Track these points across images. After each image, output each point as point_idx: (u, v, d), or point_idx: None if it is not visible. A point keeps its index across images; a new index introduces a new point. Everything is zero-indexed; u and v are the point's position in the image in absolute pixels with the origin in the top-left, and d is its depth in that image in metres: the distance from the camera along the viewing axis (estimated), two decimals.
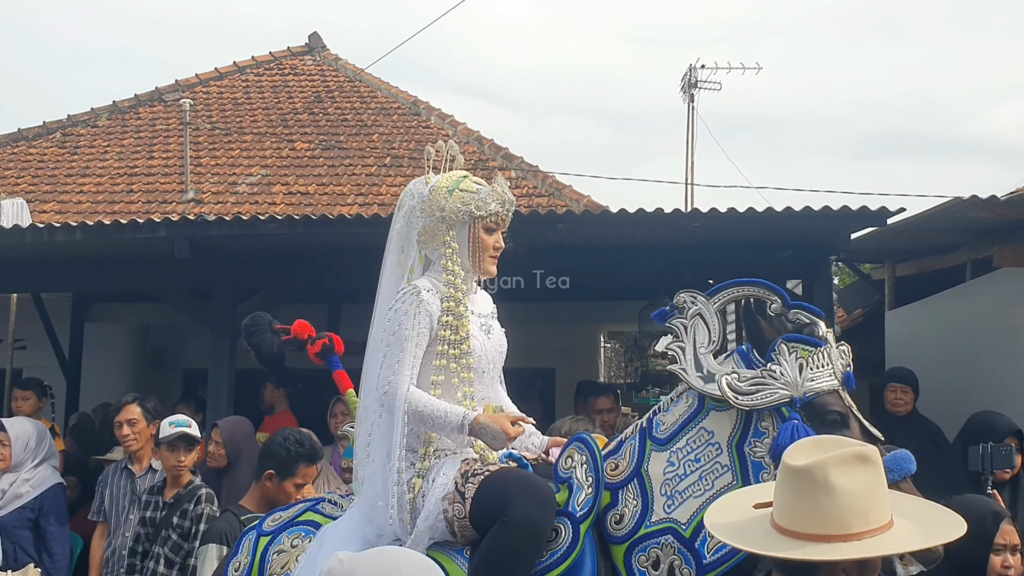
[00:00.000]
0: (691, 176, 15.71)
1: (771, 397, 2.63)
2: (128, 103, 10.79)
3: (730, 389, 2.65)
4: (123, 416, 4.90)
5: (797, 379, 2.63)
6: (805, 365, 2.64)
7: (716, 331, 2.78)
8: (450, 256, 2.94)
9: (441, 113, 10.36)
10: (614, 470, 2.83)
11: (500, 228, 3.02)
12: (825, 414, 2.62)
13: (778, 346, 2.67)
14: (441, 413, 2.79)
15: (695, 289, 2.86)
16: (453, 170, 3.07)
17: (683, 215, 5.81)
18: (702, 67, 16.09)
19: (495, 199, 2.97)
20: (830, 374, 2.65)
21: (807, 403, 2.63)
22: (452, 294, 2.90)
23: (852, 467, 1.83)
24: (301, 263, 6.46)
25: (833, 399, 2.64)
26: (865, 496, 1.81)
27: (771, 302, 2.78)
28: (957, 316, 7.02)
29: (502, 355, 3.06)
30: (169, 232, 5.84)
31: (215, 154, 9.58)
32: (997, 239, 6.08)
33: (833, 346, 2.72)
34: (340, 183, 8.89)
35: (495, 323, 3.08)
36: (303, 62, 11.86)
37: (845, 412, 2.63)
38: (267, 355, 3.61)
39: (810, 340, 2.68)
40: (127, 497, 4.86)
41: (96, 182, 9.23)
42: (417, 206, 2.99)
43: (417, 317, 2.85)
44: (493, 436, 2.76)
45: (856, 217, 5.61)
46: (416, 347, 2.85)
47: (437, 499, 2.75)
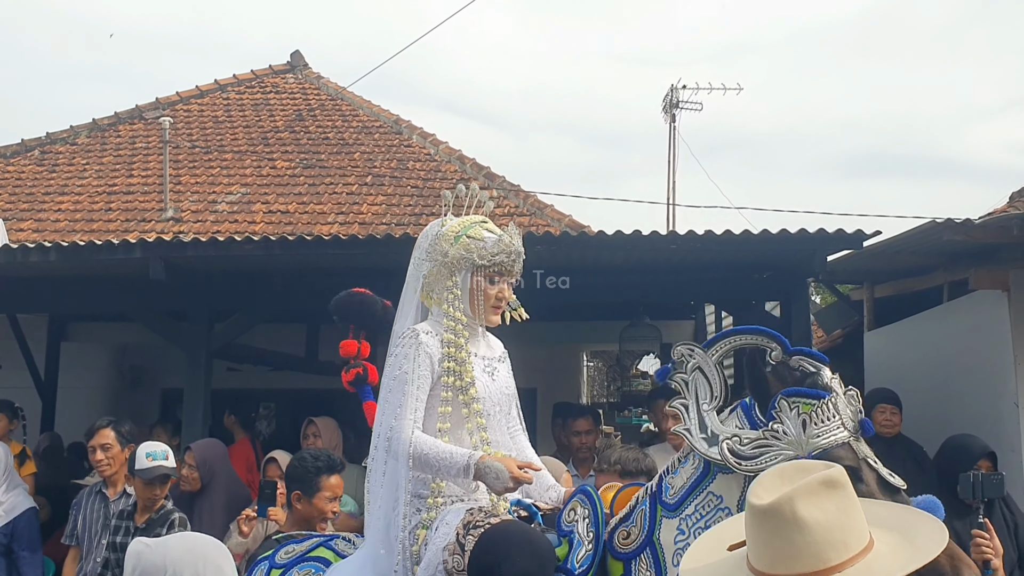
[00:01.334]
0: (673, 196, 15.76)
1: (776, 460, 2.46)
2: (108, 121, 10.74)
3: (732, 455, 2.54)
4: (97, 441, 4.81)
5: (801, 437, 2.49)
6: (808, 421, 2.50)
7: (717, 385, 2.67)
8: (451, 302, 2.90)
9: (423, 131, 10.36)
10: (626, 539, 2.69)
11: (506, 278, 2.95)
12: None
13: (778, 403, 2.54)
14: (446, 455, 2.73)
15: (692, 342, 2.77)
16: (475, 214, 3.03)
17: (661, 237, 5.82)
18: (683, 87, 16.16)
19: (501, 249, 2.91)
20: (838, 426, 2.51)
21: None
22: (453, 339, 2.85)
23: (820, 496, 1.75)
24: (278, 284, 6.42)
25: (843, 452, 2.47)
26: (839, 524, 1.73)
27: (771, 350, 2.66)
28: (934, 338, 7.05)
29: (509, 397, 3.01)
30: (144, 253, 5.79)
31: (195, 172, 9.54)
32: (973, 262, 6.11)
33: (839, 394, 2.57)
34: (321, 202, 8.87)
35: (501, 366, 3.02)
36: (285, 80, 11.85)
37: (857, 466, 2.45)
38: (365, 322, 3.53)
39: (811, 393, 2.54)
40: (100, 521, 4.79)
41: (74, 200, 9.18)
42: (426, 247, 2.98)
43: (417, 360, 2.82)
44: (496, 476, 2.68)
45: (832, 240, 5.64)
46: (418, 390, 2.81)
47: (438, 549, 2.69)
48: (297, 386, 9.32)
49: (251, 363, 9.16)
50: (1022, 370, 6.05)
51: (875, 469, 2.48)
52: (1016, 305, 6.10)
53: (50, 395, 8.53)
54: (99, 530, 4.77)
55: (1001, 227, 5.68)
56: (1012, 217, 5.77)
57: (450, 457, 2.72)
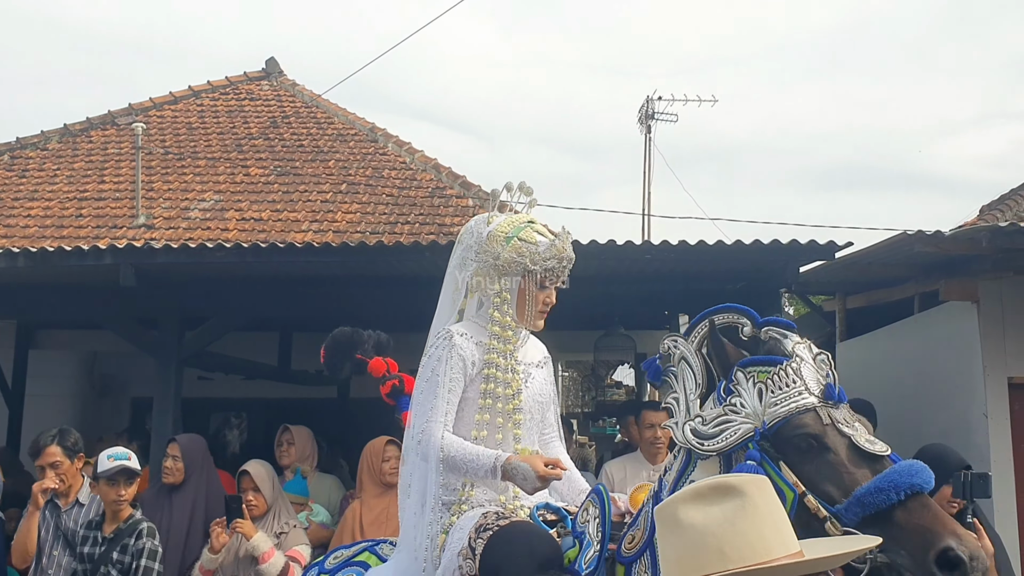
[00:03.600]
0: (648, 206, 15.82)
1: (735, 435, 2.35)
2: (80, 126, 10.61)
3: (693, 435, 2.42)
4: (44, 460, 4.69)
5: (757, 407, 2.35)
6: (765, 389, 2.35)
7: (700, 372, 2.54)
8: (499, 306, 2.86)
9: (399, 140, 10.31)
10: (631, 543, 2.58)
11: (554, 284, 2.92)
12: (794, 439, 2.31)
13: (734, 375, 2.41)
14: (473, 457, 2.70)
15: (676, 333, 2.66)
16: (520, 213, 2.98)
17: (635, 247, 5.84)
18: (659, 99, 16.25)
19: (553, 255, 2.86)
20: (800, 392, 2.35)
21: (775, 431, 2.32)
22: (500, 347, 2.82)
23: (706, 500, 1.66)
24: (250, 291, 6.38)
25: (806, 419, 2.32)
26: (720, 532, 1.63)
27: (742, 326, 2.54)
28: (906, 348, 7.12)
29: (542, 404, 2.96)
30: (115, 260, 5.74)
31: (168, 179, 9.44)
32: (943, 273, 6.18)
33: (806, 359, 2.42)
34: (295, 209, 8.80)
35: (537, 371, 2.98)
36: (259, 87, 11.77)
37: (820, 432, 2.31)
38: (334, 375, 3.62)
39: (766, 360, 2.40)
40: (51, 532, 4.70)
41: (45, 206, 9.05)
42: (473, 246, 2.92)
43: (449, 362, 2.79)
44: (524, 477, 2.65)
45: (805, 250, 5.68)
46: (449, 392, 2.78)
47: (454, 554, 2.67)
48: (269, 395, 9.25)
49: (223, 372, 9.08)
50: (991, 381, 6.12)
51: (847, 436, 2.33)
52: (985, 316, 6.17)
53: (17, 404, 8.41)
54: (51, 539, 4.68)
55: (971, 239, 5.75)
56: (982, 229, 5.84)
57: (477, 459, 2.70)
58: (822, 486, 2.28)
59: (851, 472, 2.28)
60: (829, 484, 2.28)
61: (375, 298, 6.55)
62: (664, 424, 2.60)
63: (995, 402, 6.10)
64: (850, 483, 2.26)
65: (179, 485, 4.91)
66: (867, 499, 2.20)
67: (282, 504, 4.88)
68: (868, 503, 2.20)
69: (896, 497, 2.19)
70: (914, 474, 2.23)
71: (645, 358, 10.67)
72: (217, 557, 4.57)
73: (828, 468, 2.29)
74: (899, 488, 2.20)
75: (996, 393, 6.11)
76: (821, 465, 2.30)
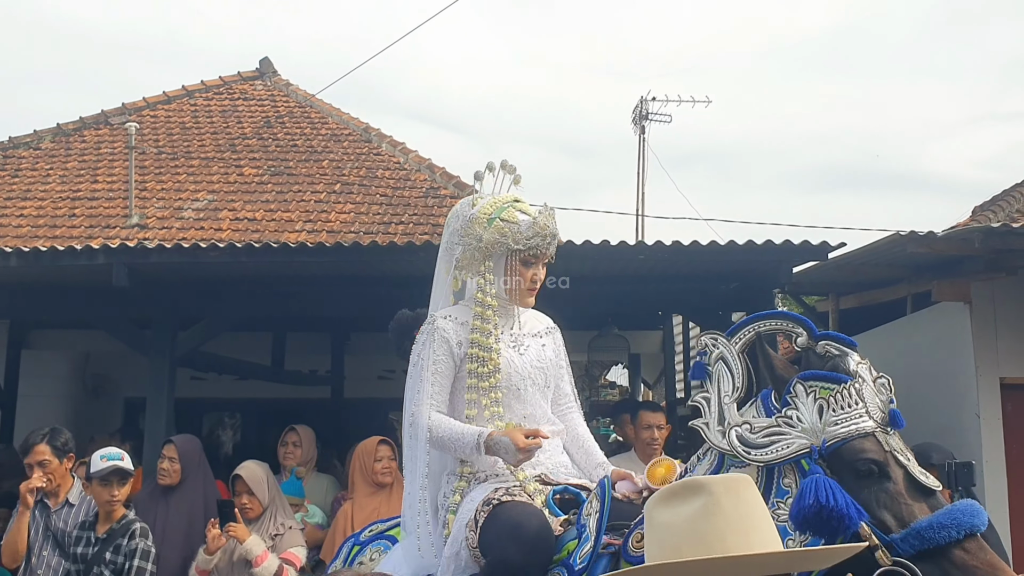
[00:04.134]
0: (642, 207, 15.81)
1: (787, 449, 2.29)
2: (73, 126, 10.58)
3: (741, 443, 2.34)
4: (33, 459, 4.64)
5: (816, 424, 2.29)
6: (826, 406, 2.29)
7: (740, 375, 2.46)
8: (483, 287, 2.88)
9: (393, 140, 10.31)
10: (639, 542, 2.48)
11: (540, 260, 2.93)
12: (856, 463, 2.26)
13: (793, 387, 2.33)
14: (459, 435, 2.72)
15: (716, 331, 2.57)
16: (505, 192, 2.99)
17: (629, 247, 5.85)
18: (653, 99, 16.23)
19: (535, 232, 2.87)
20: (861, 414, 2.30)
21: (833, 452, 2.27)
22: (480, 325, 2.84)
23: (677, 499, 1.70)
24: (244, 291, 6.37)
25: (868, 444, 2.28)
26: (681, 530, 1.67)
27: (796, 335, 2.47)
28: (898, 349, 7.14)
29: (543, 370, 2.94)
30: (108, 259, 5.72)
31: (161, 179, 9.42)
32: (935, 274, 6.21)
33: (868, 380, 2.37)
34: (288, 209, 8.79)
35: (534, 340, 2.97)
36: (253, 87, 11.76)
37: (883, 460, 2.27)
38: (400, 355, 3.59)
39: (831, 376, 2.34)
40: (41, 532, 4.68)
41: (37, 206, 9.02)
42: (459, 230, 2.94)
43: (432, 345, 2.83)
44: (505, 450, 2.65)
45: (798, 251, 5.69)
46: (434, 375, 2.81)
47: (462, 524, 2.69)
48: (263, 395, 9.23)
49: (216, 372, 9.06)
50: (983, 381, 6.15)
51: (904, 466, 2.30)
52: (977, 317, 6.20)
53: (10, 404, 8.38)
54: (40, 540, 4.66)
55: (964, 240, 5.77)
56: (974, 230, 5.86)
57: (462, 437, 2.71)
58: (878, 514, 2.24)
59: (908, 504, 2.25)
60: (886, 513, 2.25)
61: (369, 298, 6.55)
62: (691, 424, 2.50)
63: (987, 402, 6.13)
64: (907, 515, 2.23)
65: (175, 486, 4.90)
66: (927, 533, 2.17)
67: (279, 505, 4.85)
68: (928, 537, 2.17)
69: (956, 535, 2.16)
70: (975, 515, 2.21)
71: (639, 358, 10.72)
72: (212, 558, 4.56)
73: (886, 497, 2.26)
74: (961, 527, 2.17)
75: (988, 393, 6.14)
76: (879, 493, 2.26)
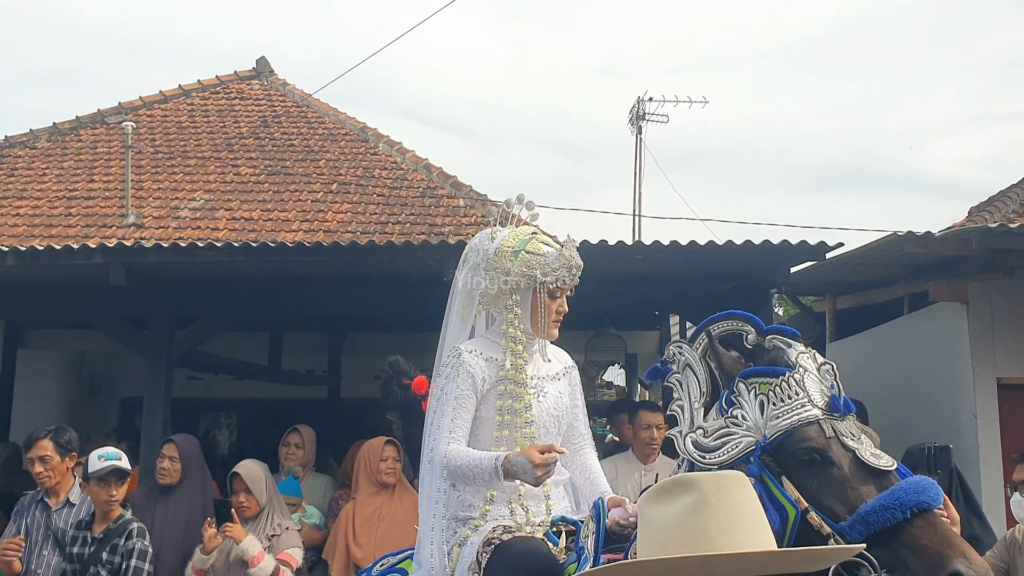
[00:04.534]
0: (639, 207, 15.82)
1: (736, 448, 2.28)
2: (69, 125, 10.56)
3: (696, 448, 2.34)
4: (35, 453, 4.65)
5: (759, 420, 2.28)
6: (767, 401, 2.28)
7: (704, 380, 2.46)
8: (511, 321, 2.88)
9: (390, 139, 10.29)
10: (636, 555, 2.54)
11: (565, 292, 2.94)
12: (797, 452, 2.24)
13: (736, 386, 2.35)
14: (476, 461, 2.71)
15: (681, 339, 2.57)
16: (521, 225, 3.01)
17: (626, 247, 5.84)
18: (650, 99, 16.22)
19: (562, 264, 2.88)
20: (803, 404, 2.28)
21: (777, 444, 2.25)
22: (513, 362, 2.85)
23: (668, 496, 1.71)
24: (241, 291, 6.36)
25: (810, 432, 2.25)
26: (668, 527, 1.67)
27: (746, 333, 2.48)
28: (895, 349, 7.14)
29: (558, 418, 2.97)
30: (105, 259, 5.71)
31: (157, 178, 9.40)
32: (933, 274, 6.21)
33: (810, 369, 2.36)
34: (285, 209, 8.78)
35: (551, 384, 2.98)
36: (250, 86, 11.74)
37: (822, 445, 2.23)
38: (393, 404, 3.88)
39: (767, 371, 2.34)
40: (41, 531, 4.66)
41: (33, 205, 9.00)
42: (481, 264, 2.94)
43: (457, 379, 2.81)
44: (523, 470, 2.63)
45: (795, 251, 5.69)
46: (455, 408, 2.80)
47: (464, 569, 2.69)
48: (259, 395, 9.22)
49: (213, 371, 9.05)
50: (980, 381, 6.15)
51: (851, 449, 2.25)
52: (975, 317, 6.20)
53: (6, 403, 8.37)
54: (39, 540, 4.64)
55: (961, 240, 5.78)
56: (971, 230, 5.87)
57: (480, 463, 2.70)
58: (826, 502, 2.20)
59: (855, 488, 2.20)
60: (833, 500, 2.20)
61: (366, 298, 6.54)
62: (669, 433, 2.51)
63: (984, 402, 6.14)
64: (855, 499, 2.18)
65: (174, 486, 4.89)
66: (872, 517, 2.12)
67: (276, 505, 4.83)
68: (873, 521, 2.12)
69: (902, 515, 2.10)
70: (920, 491, 2.13)
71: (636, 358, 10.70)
72: (209, 558, 4.55)
73: (832, 483, 2.22)
74: (905, 506, 2.11)
75: (985, 393, 6.15)
76: (825, 480, 2.22)
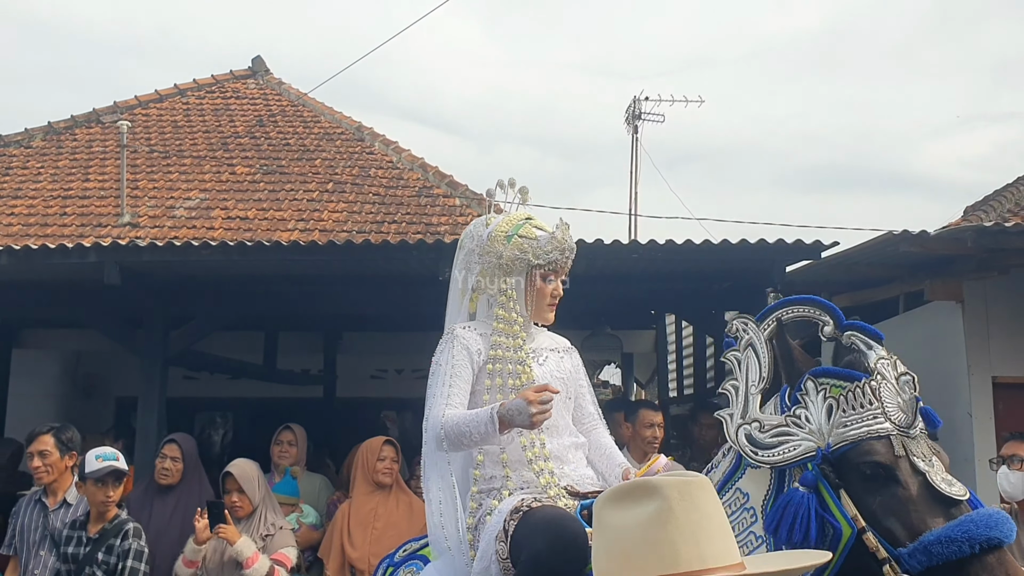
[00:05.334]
0: (635, 206, 15.82)
1: (794, 451, 2.13)
2: (64, 124, 10.54)
3: (749, 442, 2.19)
4: (35, 447, 4.66)
5: (824, 426, 2.11)
6: (836, 406, 2.11)
7: (767, 366, 2.28)
8: (504, 304, 2.88)
9: (386, 139, 10.29)
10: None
11: (559, 275, 2.96)
12: (861, 466, 2.07)
13: (804, 384, 2.17)
14: (471, 418, 2.67)
15: (747, 316, 2.37)
16: (516, 211, 3.01)
17: (623, 246, 5.84)
18: (646, 99, 16.22)
19: (555, 247, 2.90)
20: (875, 415, 2.10)
21: (841, 455, 2.09)
22: (506, 342, 2.83)
23: (629, 500, 1.59)
24: (236, 290, 6.35)
25: (878, 446, 2.07)
26: (630, 536, 1.56)
27: (823, 324, 2.30)
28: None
29: (561, 380, 2.92)
30: (99, 258, 5.69)
31: (153, 177, 9.39)
32: (928, 273, 6.21)
33: (889, 378, 2.17)
34: (281, 208, 8.77)
35: (553, 354, 2.98)
36: (246, 85, 11.73)
37: (890, 463, 2.06)
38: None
39: (843, 373, 2.16)
40: (38, 531, 4.65)
41: (28, 204, 8.98)
42: (476, 249, 2.95)
43: (451, 352, 2.81)
44: (519, 411, 2.58)
45: (791, 250, 5.70)
46: (451, 377, 2.78)
47: (491, 538, 2.66)
48: (255, 395, 9.21)
49: (208, 371, 9.04)
50: (975, 380, 6.16)
51: (921, 472, 2.07)
52: (970, 316, 6.21)
53: (0, 403, 8.34)
54: (37, 540, 4.63)
55: (956, 239, 5.78)
56: (966, 229, 5.87)
57: (476, 418, 2.66)
58: (886, 523, 2.04)
59: (920, 513, 2.03)
60: (894, 522, 2.04)
61: (361, 298, 6.54)
62: (718, 414, 2.33)
63: (980, 401, 6.14)
64: (919, 525, 2.01)
65: (173, 486, 4.89)
66: (935, 548, 1.95)
67: (269, 505, 4.82)
68: (936, 553, 1.94)
69: (969, 550, 1.92)
70: (992, 526, 1.96)
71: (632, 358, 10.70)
72: (200, 549, 4.53)
73: (895, 504, 2.05)
74: (973, 540, 1.93)
75: (981, 392, 6.15)
76: (888, 500, 2.06)
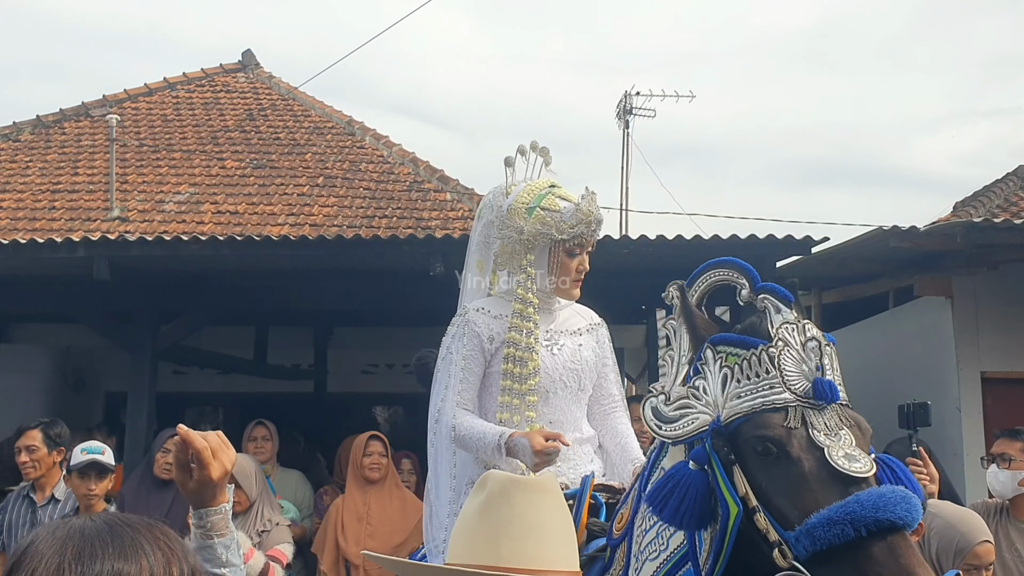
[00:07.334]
0: (626, 202, 15.83)
1: (691, 425, 1.94)
2: (53, 118, 10.49)
3: (654, 416, 2.02)
4: (23, 442, 4.63)
5: (719, 397, 1.92)
6: (730, 376, 1.91)
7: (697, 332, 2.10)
8: (523, 282, 2.71)
9: (376, 133, 10.27)
10: (620, 522, 2.25)
11: (585, 248, 2.75)
12: (751, 441, 1.86)
13: (704, 352, 1.97)
14: (481, 435, 2.61)
15: (680, 281, 2.19)
16: (539, 178, 2.81)
17: (614, 242, 5.84)
18: (637, 94, 16.24)
19: (580, 219, 2.68)
20: (772, 385, 1.88)
21: (735, 429, 1.89)
22: (519, 324, 2.69)
23: (476, 488, 1.61)
24: (226, 285, 6.34)
25: (772, 419, 1.86)
26: (459, 527, 1.58)
27: (740, 287, 2.11)
28: (880, 343, 7.17)
29: (574, 372, 2.78)
30: (88, 252, 5.67)
31: (142, 171, 9.35)
32: (918, 269, 6.24)
33: (792, 344, 1.93)
34: (271, 202, 8.75)
35: (570, 339, 2.82)
36: (236, 79, 11.68)
37: (781, 437, 1.85)
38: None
39: (739, 340, 1.95)
40: (26, 527, 4.62)
41: (17, 198, 8.94)
42: (495, 222, 2.78)
43: (463, 339, 2.71)
44: (524, 452, 2.52)
45: (781, 246, 5.71)
46: (463, 370, 2.70)
47: None
48: (245, 390, 9.19)
49: (198, 366, 9.01)
50: (964, 375, 6.19)
51: (820, 447, 1.84)
52: (959, 311, 6.23)
53: None
54: (25, 535, 4.61)
55: (945, 235, 5.80)
56: (956, 225, 5.90)
57: (484, 437, 2.60)
58: (777, 502, 1.84)
59: (814, 492, 1.81)
60: (785, 502, 1.83)
61: (352, 292, 6.53)
62: (651, 387, 2.16)
63: (968, 396, 6.17)
64: (810, 506, 1.80)
65: (170, 480, 4.87)
66: (818, 531, 1.75)
67: (266, 501, 4.79)
68: (819, 536, 1.74)
69: (852, 533, 1.72)
70: (882, 506, 1.73)
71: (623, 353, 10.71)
72: None
73: (785, 482, 1.84)
74: (858, 522, 1.72)
75: (969, 387, 6.18)
76: (779, 477, 1.85)
